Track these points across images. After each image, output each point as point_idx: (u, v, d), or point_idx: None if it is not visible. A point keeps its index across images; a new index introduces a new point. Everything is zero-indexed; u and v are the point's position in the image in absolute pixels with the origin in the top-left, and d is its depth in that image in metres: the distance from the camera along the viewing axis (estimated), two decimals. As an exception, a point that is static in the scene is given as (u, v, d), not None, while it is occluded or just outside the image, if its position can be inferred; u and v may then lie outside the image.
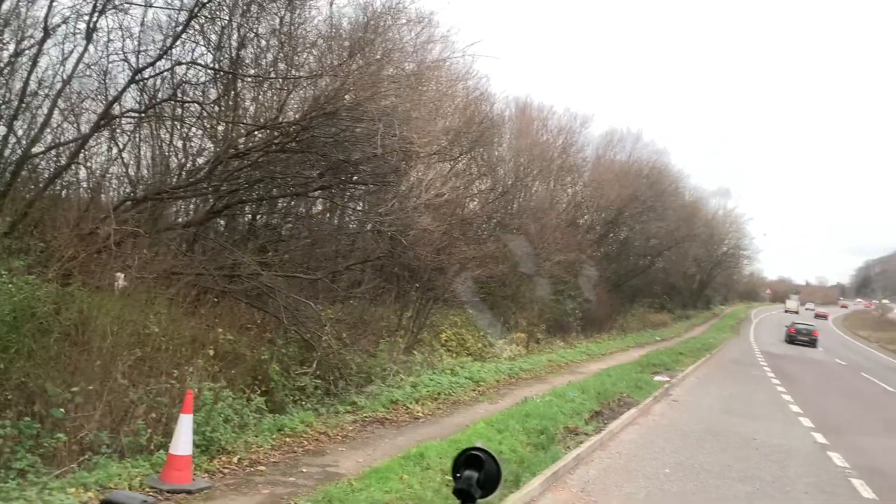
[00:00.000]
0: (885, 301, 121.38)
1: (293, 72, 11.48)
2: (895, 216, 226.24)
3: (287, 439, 8.42)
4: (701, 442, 11.65)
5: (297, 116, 10.50)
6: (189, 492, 6.39)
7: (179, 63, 10.43)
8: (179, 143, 11.78)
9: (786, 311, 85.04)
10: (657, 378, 18.16)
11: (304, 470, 7.50)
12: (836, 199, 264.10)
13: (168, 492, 6.30)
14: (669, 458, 10.25)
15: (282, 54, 11.80)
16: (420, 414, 10.84)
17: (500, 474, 1.93)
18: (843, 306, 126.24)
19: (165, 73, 10.48)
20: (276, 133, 10.23)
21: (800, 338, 42.09)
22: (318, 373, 10.48)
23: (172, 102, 10.82)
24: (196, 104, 10.96)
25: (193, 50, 10.86)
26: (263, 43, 11.71)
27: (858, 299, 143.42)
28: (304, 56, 12.24)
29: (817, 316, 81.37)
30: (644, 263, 42.44)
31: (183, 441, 6.50)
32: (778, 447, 11.83)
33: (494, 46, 22.23)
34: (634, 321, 37.85)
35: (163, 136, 11.62)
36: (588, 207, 34.65)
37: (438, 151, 13.69)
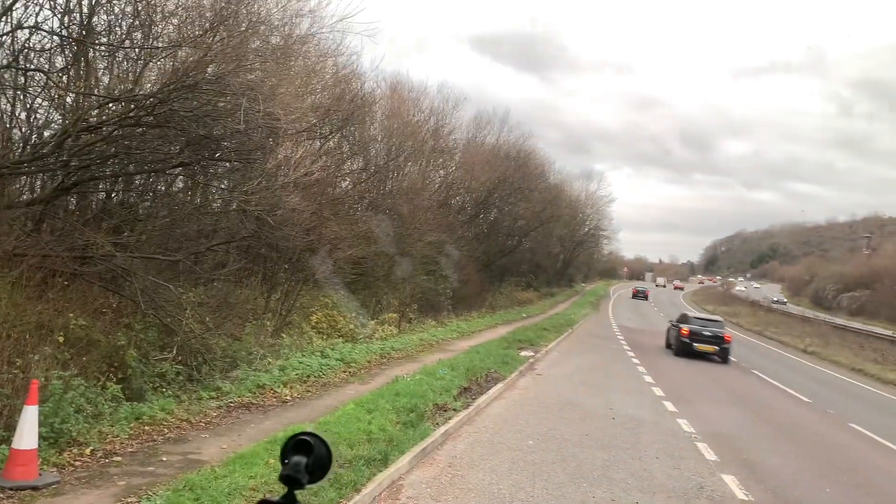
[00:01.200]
0: (729, 278, 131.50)
1: (150, 42, 10.82)
2: (736, 202, 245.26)
3: (146, 428, 8.04)
4: (562, 413, 12.21)
5: (154, 89, 9.93)
6: (35, 487, 5.97)
7: (21, 27, 9.56)
8: (23, 115, 10.82)
9: (655, 286, 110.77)
10: (523, 353, 18.84)
11: (165, 459, 7.20)
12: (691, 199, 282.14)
13: (11, 489, 5.85)
14: (533, 429, 10.68)
15: (137, 23, 11.08)
16: (288, 397, 10.67)
17: (330, 459, 1.90)
18: (700, 282, 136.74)
19: (4, 38, 9.59)
20: (131, 106, 9.61)
21: (639, 296, 74.21)
22: (179, 358, 10.05)
23: (13, 70, 9.92)
24: (41, 73, 10.10)
25: (38, 13, 9.98)
26: (117, 9, 10.94)
27: (699, 276, 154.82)
28: (163, 26, 11.56)
29: (676, 288, 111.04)
30: (512, 243, 43.72)
31: (27, 434, 6.06)
32: (632, 416, 12.61)
33: (370, 21, 21.84)
34: (503, 299, 38.97)
35: (3, 106, 10.63)
36: (459, 189, 35.17)
37: (307, 129, 13.41)
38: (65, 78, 10.68)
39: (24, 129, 10.84)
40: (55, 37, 10.22)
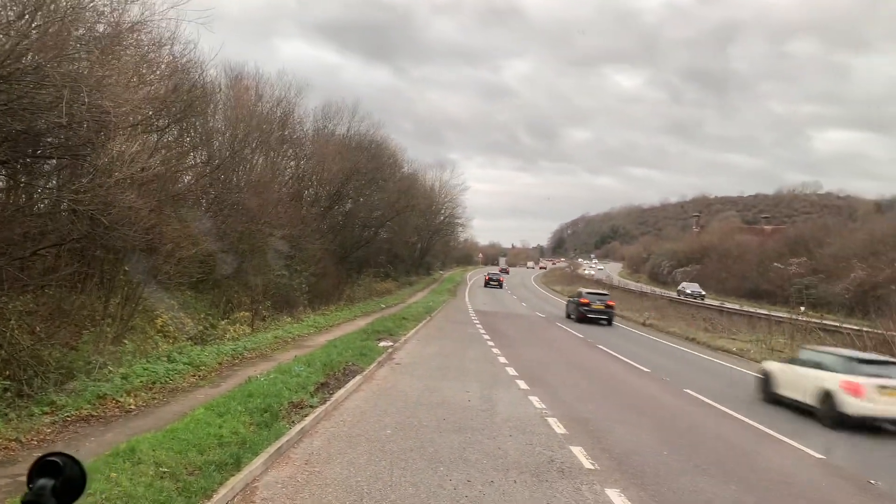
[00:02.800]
0: (577, 259, 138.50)
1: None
2: (580, 188, 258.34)
3: (-34, 453, 7.33)
4: (420, 400, 12.39)
5: (-41, 80, 8.99)
6: None
7: None
8: None
9: (528, 268, 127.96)
10: (381, 344, 18.91)
11: (-10, 485, 6.60)
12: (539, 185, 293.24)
13: None
14: (391, 419, 10.77)
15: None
16: (132, 406, 10.09)
17: (84, 479, 1.79)
18: (555, 262, 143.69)
19: None
20: (-68, 99, 8.67)
21: (491, 283, 66.75)
22: (6, 373, 9.24)
23: None
24: None
25: None
26: None
27: (548, 259, 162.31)
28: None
29: (541, 268, 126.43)
30: (369, 234, 43.68)
31: None
32: (488, 398, 13.02)
33: (205, 9, 20.74)
34: (362, 291, 38.90)
35: None
36: (312, 180, 34.63)
37: (141, 122, 12.67)
38: None
39: None
40: None
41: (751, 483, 8.73)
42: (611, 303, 33.87)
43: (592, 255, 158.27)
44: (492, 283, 67.60)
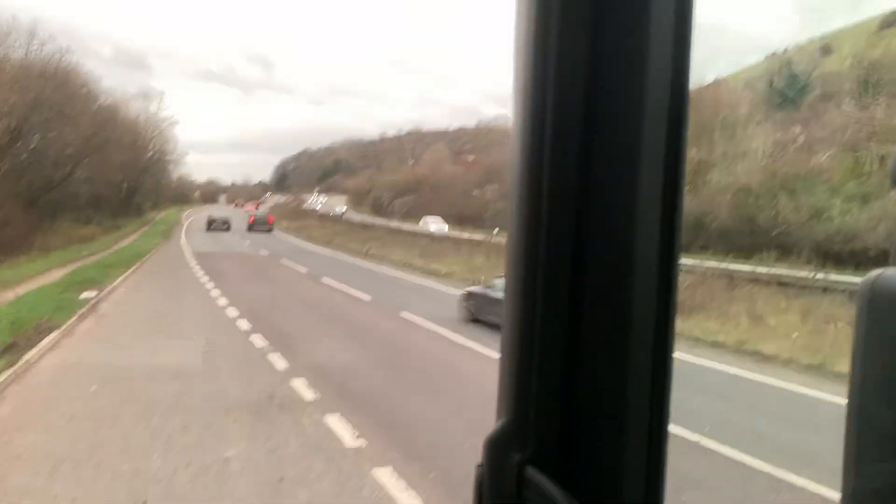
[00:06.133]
0: (302, 195, 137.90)
1: None
2: (304, 122, 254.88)
3: None
4: (132, 351, 11.65)
5: None
6: None
7: None
8: None
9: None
10: (84, 295, 17.23)
11: None
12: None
13: None
14: (98, 374, 9.94)
15: None
16: None
17: None
18: (268, 198, 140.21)
19: None
20: None
21: (217, 226, 55.91)
22: None
23: None
24: None
25: None
26: None
27: (268, 193, 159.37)
28: None
29: (251, 209, 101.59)
30: (62, 174, 38.97)
31: None
32: (207, 340, 12.62)
33: None
34: (59, 238, 34.75)
35: None
36: (-18, 113, 29.80)
37: None
38: None
39: None
40: None
41: (460, 398, 9.59)
42: (271, 219, 46.68)
43: (317, 189, 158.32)
44: (216, 225, 55.85)
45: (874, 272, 0.68)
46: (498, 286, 15.90)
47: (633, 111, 0.58)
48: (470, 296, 16.28)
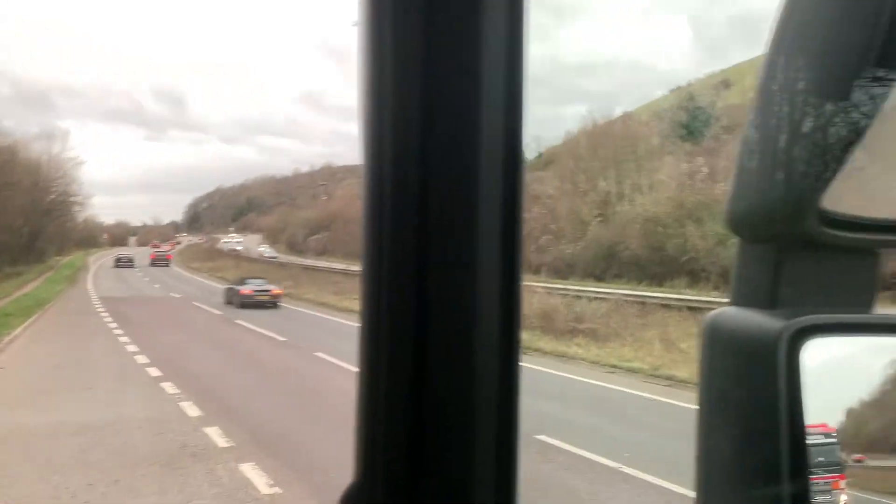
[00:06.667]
0: (215, 234, 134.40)
1: None
2: (214, 158, 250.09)
3: None
4: (31, 406, 10.96)
5: None
6: None
7: None
8: None
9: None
10: (-22, 348, 16.22)
11: None
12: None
13: None
14: (-9, 433, 9.35)
15: None
16: None
17: None
18: (177, 242, 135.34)
19: None
20: None
21: (123, 263, 65.57)
22: None
23: None
24: None
25: None
26: None
27: (185, 234, 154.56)
28: None
29: (155, 247, 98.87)
30: (-46, 220, 36.76)
31: None
32: (113, 390, 12.06)
33: None
34: (-51, 288, 32.71)
35: None
36: None
37: None
38: None
39: None
40: None
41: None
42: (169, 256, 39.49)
43: (231, 229, 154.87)
44: (122, 262, 67.06)
45: (714, 311, 0.71)
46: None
47: (470, 117, 0.59)
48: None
